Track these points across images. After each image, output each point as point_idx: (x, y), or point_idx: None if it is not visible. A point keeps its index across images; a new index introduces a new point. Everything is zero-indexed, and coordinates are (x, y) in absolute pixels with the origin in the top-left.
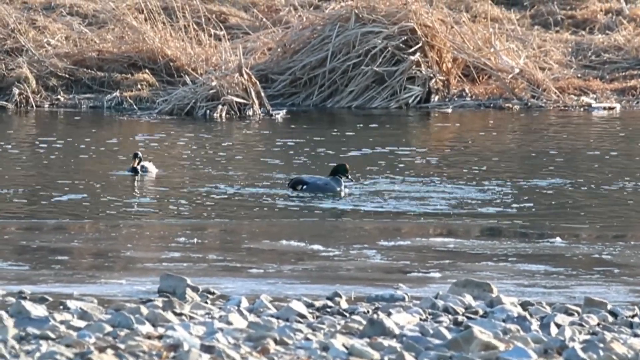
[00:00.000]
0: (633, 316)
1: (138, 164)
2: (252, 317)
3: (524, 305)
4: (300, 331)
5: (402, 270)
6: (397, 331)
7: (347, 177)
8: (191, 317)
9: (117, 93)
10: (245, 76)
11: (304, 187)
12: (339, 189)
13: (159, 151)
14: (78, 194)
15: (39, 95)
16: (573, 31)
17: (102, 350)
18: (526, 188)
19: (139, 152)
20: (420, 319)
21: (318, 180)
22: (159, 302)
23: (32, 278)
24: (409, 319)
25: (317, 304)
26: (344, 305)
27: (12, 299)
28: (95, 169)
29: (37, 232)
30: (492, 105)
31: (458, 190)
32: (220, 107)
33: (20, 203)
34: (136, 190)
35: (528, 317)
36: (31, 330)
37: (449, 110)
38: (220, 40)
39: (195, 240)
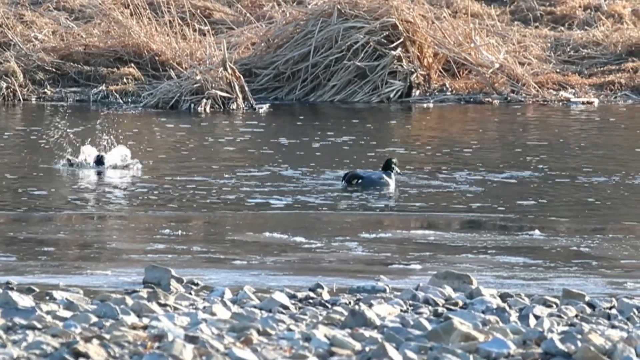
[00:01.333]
0: (610, 308)
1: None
2: (235, 308)
3: (503, 296)
4: (283, 322)
5: (383, 262)
6: (378, 322)
7: (397, 170)
8: (175, 308)
9: (103, 87)
10: (229, 70)
11: (359, 181)
12: (391, 182)
13: (144, 143)
14: (62, 185)
15: (26, 89)
16: (552, 27)
17: (87, 340)
18: (506, 181)
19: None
20: (401, 310)
21: (372, 174)
22: (144, 293)
23: (19, 269)
24: (389, 310)
25: (300, 295)
26: (326, 296)
27: None
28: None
29: (24, 223)
30: (472, 99)
31: (437, 183)
32: (204, 100)
33: (6, 195)
34: (122, 182)
35: (507, 308)
36: (18, 320)
37: (430, 105)
38: (204, 35)
39: (179, 232)
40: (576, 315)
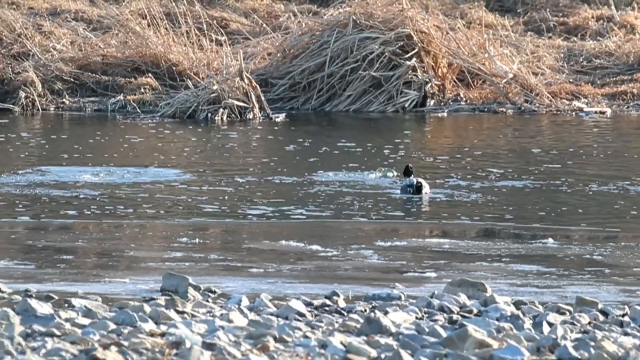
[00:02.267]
0: (623, 315)
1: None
2: (252, 316)
3: (517, 304)
4: (299, 329)
5: (398, 270)
6: (393, 329)
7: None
8: (193, 315)
9: (121, 96)
10: (246, 80)
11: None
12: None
13: (162, 153)
14: (81, 194)
15: (44, 99)
16: (565, 37)
17: (106, 347)
18: (519, 190)
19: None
20: (416, 318)
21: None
22: (161, 300)
23: (37, 277)
24: (405, 318)
25: (316, 302)
26: (342, 304)
27: (19, 297)
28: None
29: (43, 231)
30: (486, 109)
31: (452, 191)
32: (221, 110)
33: (25, 203)
34: (138, 191)
35: (521, 316)
36: (37, 327)
37: (445, 114)
38: (221, 45)
39: (197, 240)
40: (589, 323)
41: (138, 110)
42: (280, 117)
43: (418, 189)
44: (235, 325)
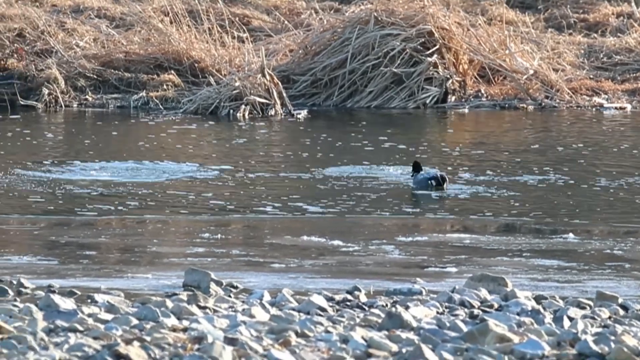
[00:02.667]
0: None
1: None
2: (274, 311)
3: (538, 299)
4: (321, 324)
5: (419, 265)
6: (414, 324)
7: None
8: (215, 311)
9: (144, 93)
10: (268, 77)
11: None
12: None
13: (184, 148)
14: (104, 191)
15: (67, 95)
16: (585, 34)
17: (128, 342)
18: (540, 185)
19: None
20: (437, 313)
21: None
22: (183, 295)
23: (60, 272)
24: (426, 312)
25: (337, 297)
26: (363, 299)
27: (42, 293)
28: (125, 166)
29: (66, 227)
30: (507, 105)
31: (473, 186)
32: (243, 107)
33: (48, 200)
34: (161, 187)
35: (542, 310)
36: (60, 322)
37: (466, 110)
38: (243, 42)
39: (219, 235)
40: (609, 317)
41: (160, 106)
42: (302, 114)
43: (441, 181)
44: (257, 320)
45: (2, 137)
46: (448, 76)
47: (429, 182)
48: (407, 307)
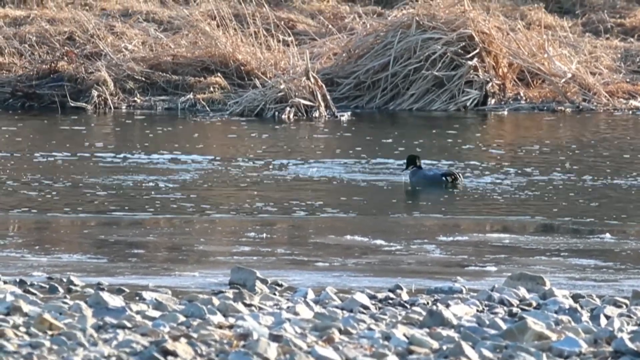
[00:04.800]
0: None
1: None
2: (318, 308)
3: (575, 297)
4: (364, 321)
5: (460, 264)
6: (455, 322)
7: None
8: (260, 308)
9: (191, 95)
10: (312, 80)
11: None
12: None
13: (232, 149)
14: (150, 191)
15: (116, 97)
16: (622, 38)
17: (175, 339)
18: (578, 186)
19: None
20: (477, 311)
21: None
22: (229, 293)
23: (109, 270)
24: (466, 310)
25: (380, 295)
26: (405, 297)
27: (91, 290)
28: (171, 167)
29: (115, 226)
30: (545, 108)
31: (512, 187)
32: (288, 109)
33: (98, 199)
34: (208, 187)
35: (579, 308)
36: (109, 319)
37: (505, 113)
38: (288, 45)
39: (264, 235)
40: None
41: (207, 108)
42: (346, 116)
43: (455, 178)
44: (301, 317)
45: (54, 137)
46: (488, 79)
47: (445, 178)
48: (447, 305)
